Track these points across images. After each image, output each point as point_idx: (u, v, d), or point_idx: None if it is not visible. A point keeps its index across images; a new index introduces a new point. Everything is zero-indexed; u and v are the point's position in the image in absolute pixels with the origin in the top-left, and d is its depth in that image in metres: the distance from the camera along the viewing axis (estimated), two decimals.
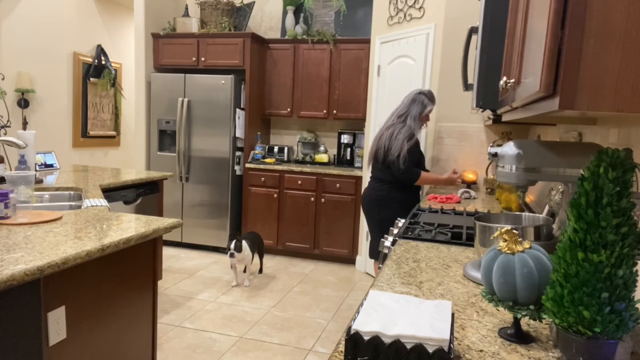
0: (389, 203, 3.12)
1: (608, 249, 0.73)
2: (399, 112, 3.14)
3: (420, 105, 3.10)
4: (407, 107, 3.12)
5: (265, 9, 5.22)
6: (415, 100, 3.11)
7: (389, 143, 3.05)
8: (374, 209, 3.19)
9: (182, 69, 4.97)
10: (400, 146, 3.00)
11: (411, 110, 3.10)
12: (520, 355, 0.90)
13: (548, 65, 0.81)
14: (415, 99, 3.12)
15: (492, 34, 1.82)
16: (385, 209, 3.13)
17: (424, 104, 3.10)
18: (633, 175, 0.74)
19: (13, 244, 1.50)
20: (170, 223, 1.91)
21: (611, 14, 0.74)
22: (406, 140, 3.01)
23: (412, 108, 3.10)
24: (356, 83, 4.70)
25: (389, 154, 3.04)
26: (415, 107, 3.10)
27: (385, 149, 3.06)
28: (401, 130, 3.04)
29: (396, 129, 3.07)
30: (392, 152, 3.02)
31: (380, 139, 3.12)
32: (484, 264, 0.97)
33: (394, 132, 3.06)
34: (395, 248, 1.68)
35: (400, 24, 3.95)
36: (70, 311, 1.53)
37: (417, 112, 3.09)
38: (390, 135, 3.06)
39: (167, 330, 3.07)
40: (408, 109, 3.11)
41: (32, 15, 5.11)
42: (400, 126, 3.07)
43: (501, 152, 1.35)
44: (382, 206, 3.14)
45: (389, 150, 3.04)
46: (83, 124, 5.82)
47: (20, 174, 1.94)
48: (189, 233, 4.90)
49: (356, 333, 0.83)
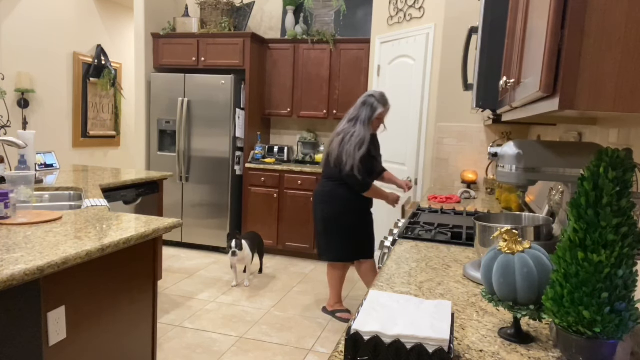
0: (331, 200, 3.12)
1: (608, 249, 0.73)
2: (350, 115, 3.09)
3: (369, 108, 3.04)
4: (357, 110, 3.07)
5: (265, 9, 5.22)
6: (365, 104, 3.06)
7: (339, 151, 3.00)
8: (317, 206, 3.20)
9: (182, 69, 4.96)
10: (352, 156, 2.95)
11: (361, 113, 3.03)
12: (520, 355, 0.90)
13: (548, 65, 0.81)
14: (365, 101, 3.07)
15: (492, 34, 1.82)
16: (327, 206, 3.13)
17: (373, 107, 3.04)
18: (633, 175, 0.74)
19: (13, 244, 1.50)
20: (170, 223, 1.91)
21: (611, 14, 0.74)
22: (357, 149, 2.95)
23: (362, 111, 3.04)
24: (356, 83, 4.69)
25: (340, 163, 3.00)
26: (365, 111, 3.04)
27: (335, 155, 3.02)
28: (351, 138, 2.98)
29: (347, 134, 3.01)
30: (344, 163, 2.98)
31: (331, 144, 3.08)
32: (484, 264, 0.96)
33: (344, 138, 3.00)
34: (395, 248, 1.68)
35: (400, 24, 3.95)
36: (70, 311, 1.53)
37: (367, 115, 3.03)
38: (340, 141, 3.01)
39: (167, 330, 3.07)
40: (358, 113, 3.05)
41: (32, 15, 5.11)
42: (351, 131, 3.01)
43: (501, 152, 1.35)
44: (324, 202, 3.14)
45: (339, 158, 3.00)
46: (83, 124, 5.82)
47: (20, 174, 1.94)
48: (189, 233, 4.90)
49: (356, 333, 0.83)
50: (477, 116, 3.55)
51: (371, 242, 3.27)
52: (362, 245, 3.21)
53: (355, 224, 3.16)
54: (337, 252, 3.20)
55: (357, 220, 3.17)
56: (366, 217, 3.22)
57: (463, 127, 3.60)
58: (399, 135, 3.96)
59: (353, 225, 3.16)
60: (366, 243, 3.23)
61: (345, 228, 3.15)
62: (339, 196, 3.11)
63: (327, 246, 3.23)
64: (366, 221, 3.22)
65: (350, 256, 3.22)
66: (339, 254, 3.21)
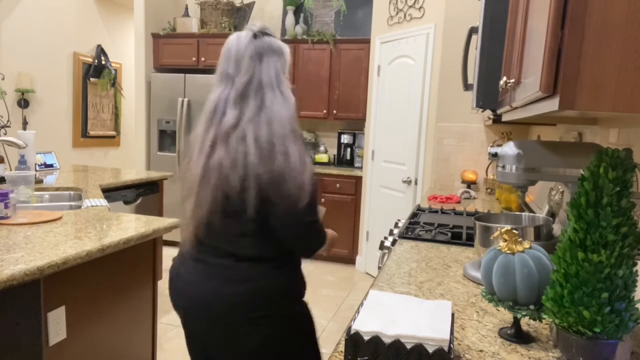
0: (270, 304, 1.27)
1: (608, 249, 0.73)
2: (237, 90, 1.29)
3: (278, 57, 1.39)
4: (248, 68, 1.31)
5: (265, 9, 5.22)
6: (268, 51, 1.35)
7: (274, 179, 1.19)
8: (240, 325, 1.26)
9: (182, 69, 4.96)
10: (303, 178, 1.21)
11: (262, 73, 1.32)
12: (520, 355, 0.90)
13: (548, 65, 0.81)
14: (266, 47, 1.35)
15: (492, 34, 1.82)
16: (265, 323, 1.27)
17: (284, 54, 1.42)
18: (633, 175, 0.74)
19: (13, 244, 1.50)
20: (170, 223, 1.91)
21: (611, 14, 0.74)
22: (305, 156, 1.25)
23: (264, 68, 1.33)
24: (356, 83, 4.69)
25: (279, 195, 1.20)
26: (269, 65, 1.34)
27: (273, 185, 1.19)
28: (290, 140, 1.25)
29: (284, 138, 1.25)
30: (295, 200, 1.20)
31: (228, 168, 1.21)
32: (484, 264, 0.96)
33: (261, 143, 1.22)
34: (395, 248, 1.68)
35: (400, 24, 3.95)
36: (70, 311, 1.53)
37: (276, 73, 1.37)
38: (259, 154, 1.20)
39: (167, 330, 3.07)
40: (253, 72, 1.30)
41: (32, 16, 5.11)
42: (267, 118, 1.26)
43: (501, 152, 1.35)
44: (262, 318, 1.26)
45: (279, 193, 1.19)
46: (83, 124, 5.82)
47: (20, 174, 1.94)
48: None
49: (356, 333, 0.83)
50: (477, 116, 3.55)
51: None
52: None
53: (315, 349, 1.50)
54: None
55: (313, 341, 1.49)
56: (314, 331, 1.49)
57: (463, 127, 3.60)
58: (399, 136, 3.96)
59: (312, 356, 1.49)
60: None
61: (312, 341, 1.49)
62: (282, 290, 1.30)
63: None
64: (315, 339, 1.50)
65: None
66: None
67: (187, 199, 1.29)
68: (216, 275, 1.28)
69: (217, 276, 1.27)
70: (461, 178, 3.55)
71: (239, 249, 1.26)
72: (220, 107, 1.28)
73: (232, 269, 1.26)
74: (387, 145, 4.10)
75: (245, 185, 1.19)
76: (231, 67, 1.33)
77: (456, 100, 3.58)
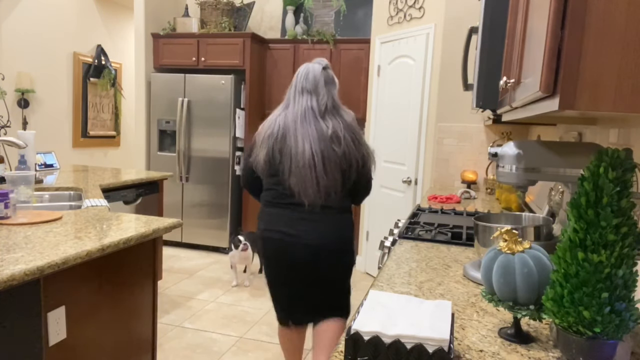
0: (351, 241, 2.12)
1: (608, 249, 0.73)
2: (322, 103, 2.00)
3: (333, 84, 2.07)
4: (328, 92, 2.03)
5: (265, 9, 5.22)
6: (329, 80, 2.05)
7: (360, 155, 2.00)
8: (350, 252, 2.12)
9: (182, 69, 4.96)
10: (372, 154, 2.08)
11: (334, 95, 2.06)
12: (520, 355, 0.90)
13: (548, 65, 0.81)
14: (328, 76, 2.06)
15: (492, 34, 1.82)
16: (350, 254, 2.13)
17: (335, 82, 2.09)
18: (633, 175, 0.74)
19: (13, 244, 1.50)
20: (170, 223, 1.91)
21: (611, 14, 0.74)
22: (362, 137, 2.07)
23: (334, 92, 2.06)
24: (356, 83, 4.69)
25: (363, 170, 2.03)
26: (334, 90, 2.06)
27: (359, 164, 2.00)
28: (355, 130, 2.03)
29: (349, 131, 2.00)
30: (368, 169, 2.06)
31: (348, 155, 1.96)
32: (484, 264, 0.96)
33: (353, 136, 2.01)
34: (395, 248, 1.68)
35: (400, 24, 3.95)
36: (70, 311, 1.53)
37: (336, 95, 2.09)
38: (352, 140, 1.98)
39: (167, 330, 3.07)
40: (331, 95, 2.04)
41: (32, 16, 5.11)
42: (348, 125, 2.01)
43: (501, 152, 1.35)
44: (348, 251, 2.11)
45: (363, 165, 2.02)
46: (83, 124, 5.82)
47: (20, 174, 1.95)
48: (189, 233, 4.90)
49: (356, 333, 0.83)
50: (477, 116, 3.55)
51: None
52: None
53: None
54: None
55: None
56: None
57: (463, 127, 3.60)
58: (399, 135, 3.96)
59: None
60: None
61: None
62: (351, 232, 2.11)
63: (346, 301, 2.24)
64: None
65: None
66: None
67: (296, 176, 1.93)
68: (335, 225, 2.02)
69: (335, 225, 2.02)
70: (461, 178, 3.55)
71: (343, 204, 2.04)
72: (310, 113, 1.98)
73: (341, 220, 2.05)
74: (387, 145, 4.10)
75: (352, 164, 1.97)
76: (309, 85, 2.02)
77: (456, 100, 3.58)
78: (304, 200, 1.95)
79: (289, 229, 1.99)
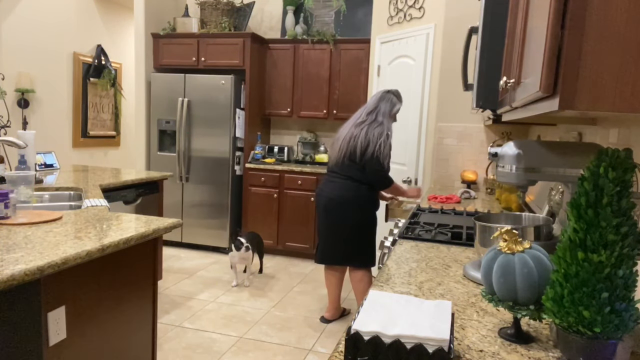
0: (366, 205, 3.01)
1: (608, 249, 0.73)
2: (368, 108, 3.05)
3: (389, 103, 3.03)
4: (376, 103, 3.04)
5: (265, 9, 5.22)
6: (384, 99, 3.05)
7: (366, 142, 2.91)
8: (349, 210, 3.00)
9: (182, 69, 4.96)
10: (377, 145, 2.89)
11: (381, 107, 3.01)
12: (520, 355, 0.90)
13: (548, 65, 0.81)
14: (384, 97, 3.06)
15: (492, 34, 1.82)
16: (363, 212, 3.00)
17: (392, 102, 3.04)
18: (633, 175, 0.74)
19: (13, 244, 1.50)
20: (170, 223, 1.91)
21: (611, 14, 0.74)
22: (385, 141, 2.91)
23: (382, 105, 3.02)
24: (356, 83, 4.70)
25: (366, 155, 2.90)
26: (384, 105, 3.02)
27: (362, 148, 2.91)
28: (375, 129, 2.94)
29: (370, 127, 2.95)
30: (368, 153, 2.90)
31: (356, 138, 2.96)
32: (484, 264, 0.96)
33: (368, 130, 2.95)
34: (395, 248, 1.68)
35: (400, 24, 3.95)
36: (70, 311, 1.53)
37: (387, 109, 3.01)
38: (365, 134, 2.93)
39: (167, 330, 3.07)
40: (377, 106, 3.02)
41: (32, 15, 5.11)
42: (374, 125, 2.96)
43: (501, 152, 1.35)
44: (359, 207, 3.00)
45: (366, 150, 2.90)
46: (83, 124, 5.82)
47: (20, 174, 1.94)
48: (189, 233, 4.90)
49: (356, 333, 0.83)
50: (477, 116, 3.55)
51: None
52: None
53: (375, 226, 3.14)
54: (371, 257, 3.10)
55: (376, 222, 3.14)
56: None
57: (463, 127, 3.60)
58: (399, 135, 3.96)
59: (375, 227, 3.13)
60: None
61: (374, 232, 3.11)
62: (369, 199, 3.01)
63: (360, 252, 3.06)
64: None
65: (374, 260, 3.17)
66: (373, 259, 3.12)
67: (336, 153, 3.04)
68: (341, 186, 3.01)
69: (342, 187, 3.01)
70: (461, 178, 3.55)
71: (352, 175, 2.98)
72: (357, 116, 3.11)
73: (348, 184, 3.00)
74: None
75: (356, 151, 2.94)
76: (368, 103, 3.16)
77: (456, 100, 3.58)
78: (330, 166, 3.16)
79: (322, 187, 3.15)
